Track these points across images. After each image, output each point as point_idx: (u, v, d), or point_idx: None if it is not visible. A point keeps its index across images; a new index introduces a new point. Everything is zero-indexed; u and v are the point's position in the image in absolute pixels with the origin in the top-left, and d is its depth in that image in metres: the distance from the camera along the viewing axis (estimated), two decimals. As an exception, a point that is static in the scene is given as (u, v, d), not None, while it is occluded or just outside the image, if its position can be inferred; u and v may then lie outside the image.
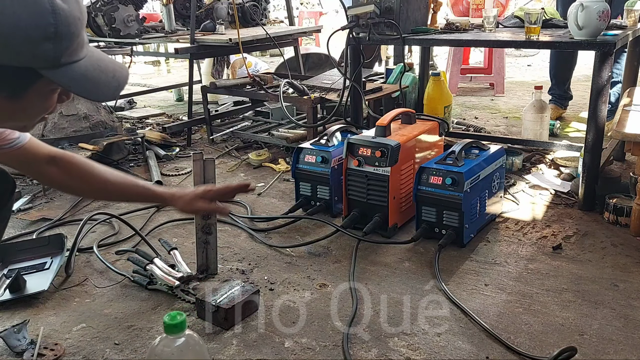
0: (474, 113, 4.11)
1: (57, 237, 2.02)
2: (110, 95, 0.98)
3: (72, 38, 0.87)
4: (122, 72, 1.00)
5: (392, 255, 1.97)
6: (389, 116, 2.20)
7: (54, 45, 0.84)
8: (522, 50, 6.89)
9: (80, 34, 0.90)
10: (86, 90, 0.93)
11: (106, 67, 0.96)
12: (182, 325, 1.09)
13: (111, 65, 0.98)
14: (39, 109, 0.98)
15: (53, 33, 0.84)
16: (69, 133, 2.92)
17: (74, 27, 0.87)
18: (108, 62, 0.98)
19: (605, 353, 1.42)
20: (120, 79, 0.98)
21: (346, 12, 2.67)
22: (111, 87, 0.96)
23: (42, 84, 0.90)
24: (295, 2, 7.40)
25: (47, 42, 0.84)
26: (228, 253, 2.02)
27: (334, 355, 1.44)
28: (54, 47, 0.85)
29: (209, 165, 1.78)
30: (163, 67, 7.20)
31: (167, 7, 3.83)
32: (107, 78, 0.95)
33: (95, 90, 0.94)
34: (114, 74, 0.97)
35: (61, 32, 0.85)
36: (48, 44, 0.84)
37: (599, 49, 2.15)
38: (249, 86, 3.46)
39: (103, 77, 0.95)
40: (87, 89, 0.92)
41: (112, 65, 0.99)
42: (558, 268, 1.85)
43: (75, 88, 0.91)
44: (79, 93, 0.93)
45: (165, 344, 1.09)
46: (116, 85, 0.97)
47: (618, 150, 2.78)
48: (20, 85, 0.89)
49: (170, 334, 1.09)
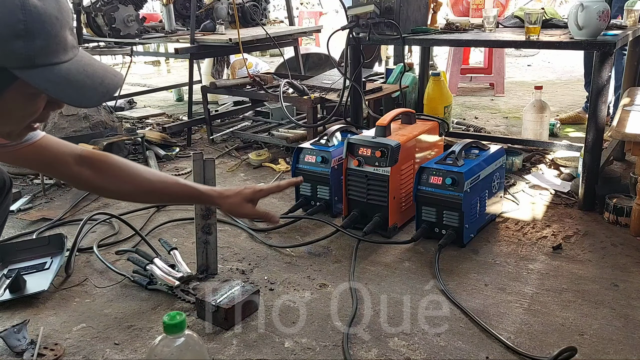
0: (474, 113, 4.11)
1: (57, 237, 2.02)
2: (94, 102, 0.92)
3: (48, 37, 0.83)
4: (113, 79, 0.94)
5: (392, 255, 1.97)
6: (389, 116, 2.20)
7: (24, 43, 0.81)
8: (522, 50, 6.89)
9: (59, 35, 0.85)
10: (66, 95, 0.87)
11: (94, 72, 0.91)
12: (182, 325, 1.08)
13: (101, 71, 0.93)
14: (22, 113, 0.92)
15: (23, 30, 0.80)
16: (69, 133, 2.92)
17: (49, 25, 0.83)
18: (97, 68, 0.93)
19: (605, 353, 1.42)
20: (109, 86, 0.92)
21: (346, 12, 2.67)
22: (97, 93, 0.90)
23: (19, 85, 0.85)
24: (295, 2, 7.39)
25: (18, 40, 0.80)
26: (228, 253, 2.02)
27: (334, 355, 1.44)
28: (25, 45, 0.81)
29: (209, 165, 1.78)
30: (163, 67, 7.20)
31: (167, 7, 3.83)
32: (93, 83, 0.90)
33: (77, 95, 0.88)
34: (103, 80, 0.92)
35: (32, 29, 0.81)
36: (18, 42, 0.81)
37: (599, 49, 2.15)
38: (249, 86, 3.46)
39: (89, 82, 0.89)
40: (68, 93, 0.87)
41: (103, 71, 0.93)
42: (558, 268, 1.85)
43: (52, 91, 0.85)
44: (58, 97, 0.87)
45: (165, 344, 1.09)
46: (103, 91, 0.91)
47: (618, 150, 2.78)
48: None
49: (170, 334, 1.08)
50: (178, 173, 2.93)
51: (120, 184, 1.37)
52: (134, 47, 3.71)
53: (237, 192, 1.44)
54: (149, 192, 1.40)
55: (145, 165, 3.02)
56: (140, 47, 4.08)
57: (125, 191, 1.40)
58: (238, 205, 1.43)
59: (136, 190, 1.39)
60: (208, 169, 1.78)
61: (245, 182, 2.79)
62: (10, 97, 0.87)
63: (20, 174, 2.82)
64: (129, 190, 1.39)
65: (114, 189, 1.39)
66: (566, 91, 4.88)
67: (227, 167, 3.02)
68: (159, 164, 3.04)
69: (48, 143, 1.28)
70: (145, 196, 1.48)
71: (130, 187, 1.38)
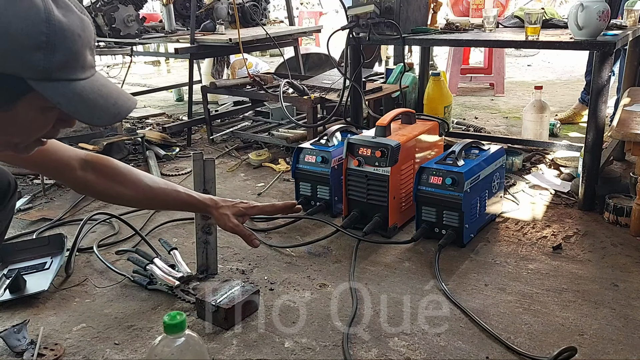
0: (474, 113, 4.11)
1: (57, 237, 2.02)
2: (106, 121, 0.93)
3: (68, 53, 0.85)
4: (127, 102, 0.96)
5: (392, 255, 1.97)
6: (389, 116, 2.20)
7: (44, 56, 0.82)
8: (522, 50, 6.89)
9: (79, 52, 0.87)
10: (77, 111, 0.88)
11: (108, 93, 0.93)
12: (182, 325, 1.09)
13: (115, 93, 0.95)
14: (32, 125, 0.93)
15: (44, 42, 0.82)
16: (69, 133, 2.91)
17: (71, 42, 0.85)
18: (112, 89, 0.95)
19: (605, 353, 1.42)
20: (121, 108, 0.94)
21: (346, 12, 2.67)
22: (109, 113, 0.92)
23: (33, 97, 0.86)
24: (295, 2, 7.40)
25: (38, 52, 0.82)
26: (228, 253, 2.02)
27: (334, 355, 1.44)
28: (45, 58, 0.83)
29: (209, 165, 1.78)
30: (163, 67, 7.20)
31: (167, 7, 3.83)
32: (106, 103, 0.92)
33: (89, 112, 0.90)
34: (116, 102, 0.94)
35: (54, 43, 0.83)
36: (38, 54, 0.82)
37: (599, 49, 2.15)
38: (249, 86, 3.46)
39: (101, 101, 0.91)
40: (79, 109, 0.88)
41: (117, 93, 0.95)
42: (558, 268, 1.85)
43: (65, 106, 0.87)
44: (69, 113, 0.88)
45: (165, 344, 1.09)
46: (115, 112, 0.93)
47: (618, 150, 2.78)
48: (9, 94, 0.86)
49: (170, 333, 1.08)
50: (178, 173, 2.93)
51: (122, 189, 1.41)
52: (134, 47, 3.71)
53: (231, 205, 1.51)
54: (149, 198, 1.45)
55: (145, 165, 3.03)
56: (140, 47, 4.08)
57: (127, 196, 1.44)
58: (227, 217, 1.49)
59: (137, 196, 1.44)
60: (208, 169, 1.78)
61: (246, 182, 2.79)
62: (22, 108, 0.88)
63: (20, 174, 2.82)
64: (130, 196, 1.44)
65: (115, 193, 1.42)
66: (566, 91, 4.88)
67: (227, 167, 3.02)
68: (159, 164, 3.03)
69: (54, 147, 1.31)
70: (145, 202, 1.53)
71: (131, 192, 1.42)
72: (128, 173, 1.42)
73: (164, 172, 2.93)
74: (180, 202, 1.50)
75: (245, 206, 1.54)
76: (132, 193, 1.42)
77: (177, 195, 1.47)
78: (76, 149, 1.38)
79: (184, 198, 1.49)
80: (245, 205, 1.54)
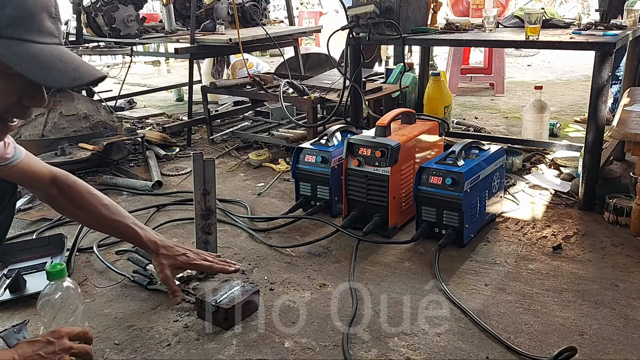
0: (474, 113, 4.11)
1: (57, 237, 2.02)
2: (63, 84, 0.90)
3: (18, 9, 0.83)
4: (91, 71, 0.92)
5: (392, 255, 1.97)
6: (389, 116, 2.20)
7: None
8: (522, 50, 6.90)
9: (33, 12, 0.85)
10: (32, 71, 0.85)
11: (70, 59, 0.90)
12: (63, 272, 1.33)
13: (79, 61, 0.91)
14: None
15: None
16: (69, 133, 2.92)
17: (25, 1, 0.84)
18: (76, 58, 0.91)
19: (605, 353, 1.42)
20: (83, 74, 0.90)
21: (346, 12, 2.67)
22: (68, 76, 0.88)
23: None
24: (295, 2, 7.40)
25: None
26: (228, 253, 2.02)
27: (334, 355, 1.44)
28: None
29: (209, 165, 1.78)
30: (163, 67, 7.20)
31: (167, 7, 3.83)
32: (65, 67, 0.88)
33: (44, 73, 0.86)
34: (78, 68, 0.90)
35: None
36: None
37: (599, 49, 2.15)
38: (249, 86, 3.46)
39: (60, 65, 0.88)
40: (34, 69, 0.85)
41: (81, 62, 0.92)
42: (558, 268, 1.85)
43: (18, 65, 0.83)
44: (23, 72, 0.84)
45: (54, 289, 1.33)
46: (75, 76, 0.89)
47: (618, 150, 2.78)
48: None
49: (54, 280, 1.32)
50: (178, 173, 2.93)
51: (77, 211, 1.52)
52: (134, 47, 3.71)
53: (171, 256, 1.55)
54: (102, 225, 1.56)
55: (146, 165, 3.02)
56: (140, 47, 4.08)
57: (81, 219, 1.59)
58: (162, 266, 1.53)
59: (91, 220, 1.56)
60: (208, 169, 1.78)
61: (245, 182, 2.79)
62: None
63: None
64: (83, 219, 1.58)
65: (72, 214, 1.56)
66: (566, 91, 4.88)
67: (227, 167, 3.02)
68: (159, 164, 3.03)
69: (29, 163, 1.40)
70: (97, 227, 1.64)
71: (84, 216, 1.53)
72: (87, 198, 1.50)
73: (164, 172, 2.93)
74: (128, 236, 1.57)
75: (185, 260, 1.57)
76: (85, 217, 1.53)
77: (125, 230, 1.54)
78: (50, 166, 1.48)
79: (130, 234, 1.55)
80: (185, 260, 1.57)
